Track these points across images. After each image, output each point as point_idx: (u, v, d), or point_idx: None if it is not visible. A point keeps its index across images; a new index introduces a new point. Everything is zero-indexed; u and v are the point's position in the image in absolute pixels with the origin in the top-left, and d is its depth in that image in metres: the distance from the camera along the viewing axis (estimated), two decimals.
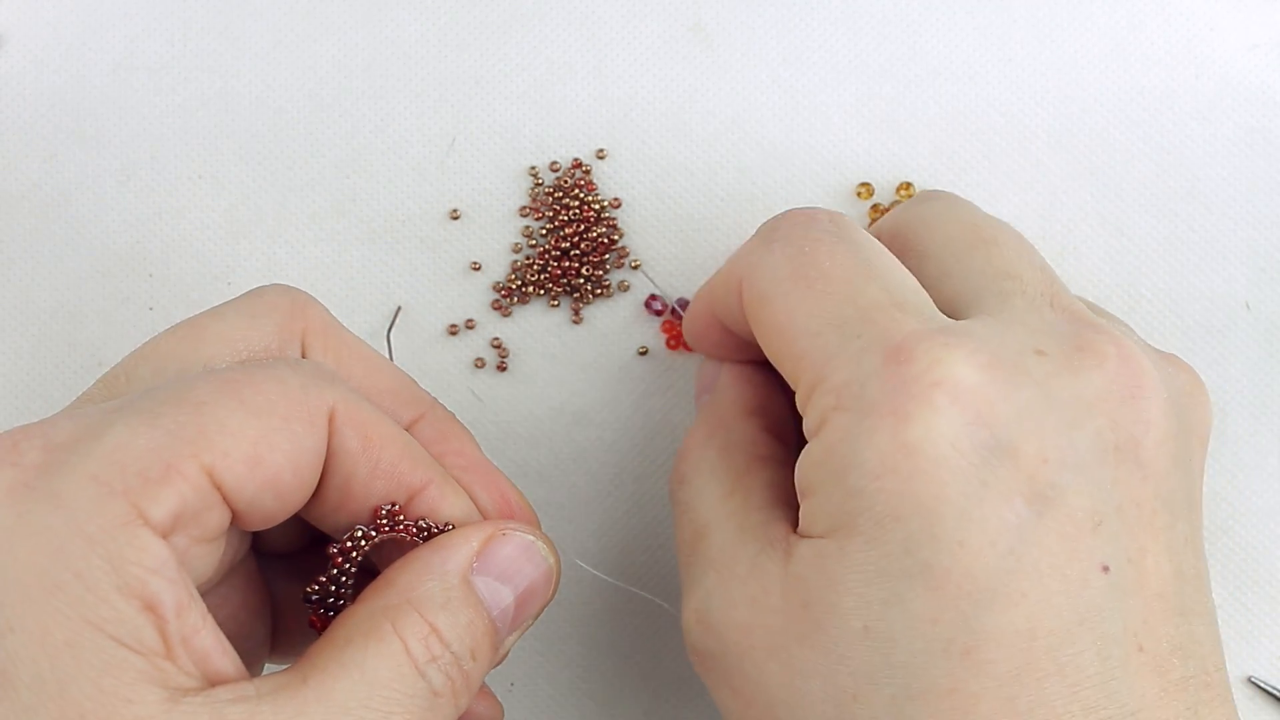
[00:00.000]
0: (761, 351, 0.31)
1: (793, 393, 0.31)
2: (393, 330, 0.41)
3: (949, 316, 0.29)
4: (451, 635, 0.26)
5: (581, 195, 0.41)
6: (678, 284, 0.41)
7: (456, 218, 0.42)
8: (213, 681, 0.24)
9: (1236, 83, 0.42)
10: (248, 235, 0.42)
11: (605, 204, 0.41)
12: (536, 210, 0.42)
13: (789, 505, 0.30)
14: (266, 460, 0.25)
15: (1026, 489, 0.25)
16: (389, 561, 0.28)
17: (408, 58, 0.43)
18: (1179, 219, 0.41)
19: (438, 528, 0.28)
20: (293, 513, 0.27)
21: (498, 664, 0.28)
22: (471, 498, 0.29)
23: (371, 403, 0.28)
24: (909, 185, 0.41)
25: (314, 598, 0.28)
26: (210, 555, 0.26)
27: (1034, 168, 0.42)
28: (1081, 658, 0.25)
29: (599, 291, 0.41)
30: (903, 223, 0.32)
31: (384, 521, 0.28)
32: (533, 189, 0.42)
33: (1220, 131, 0.42)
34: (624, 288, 0.41)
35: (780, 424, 0.33)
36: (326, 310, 0.31)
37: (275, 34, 0.43)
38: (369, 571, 0.29)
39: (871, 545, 0.25)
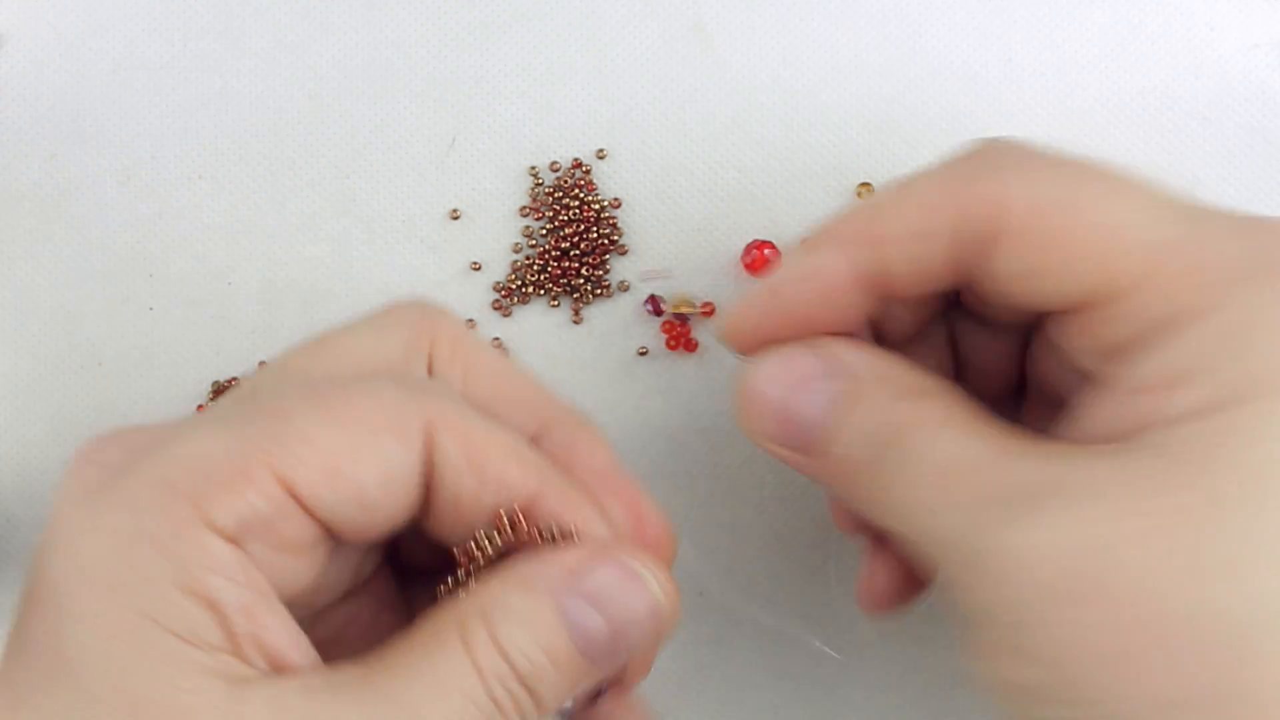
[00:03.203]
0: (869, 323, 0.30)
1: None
2: None
3: None
4: (517, 654, 0.25)
5: (581, 195, 0.41)
6: (677, 284, 0.41)
7: (456, 218, 0.42)
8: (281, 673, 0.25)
9: (1236, 83, 0.42)
10: (248, 235, 0.42)
11: (605, 204, 0.41)
12: (536, 210, 0.42)
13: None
14: (347, 472, 0.25)
15: None
16: None
17: (408, 58, 0.43)
18: None
19: (560, 533, 0.27)
20: (396, 525, 0.27)
21: (623, 683, 0.28)
22: (602, 509, 0.28)
23: (487, 414, 0.28)
24: None
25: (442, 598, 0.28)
26: (307, 566, 0.26)
27: None
28: None
29: (599, 291, 0.41)
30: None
31: (506, 525, 0.27)
32: (533, 189, 0.42)
33: (1220, 131, 0.42)
34: (624, 288, 0.41)
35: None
36: (458, 321, 0.30)
37: (275, 34, 0.43)
38: None
39: None
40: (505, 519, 0.27)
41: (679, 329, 0.40)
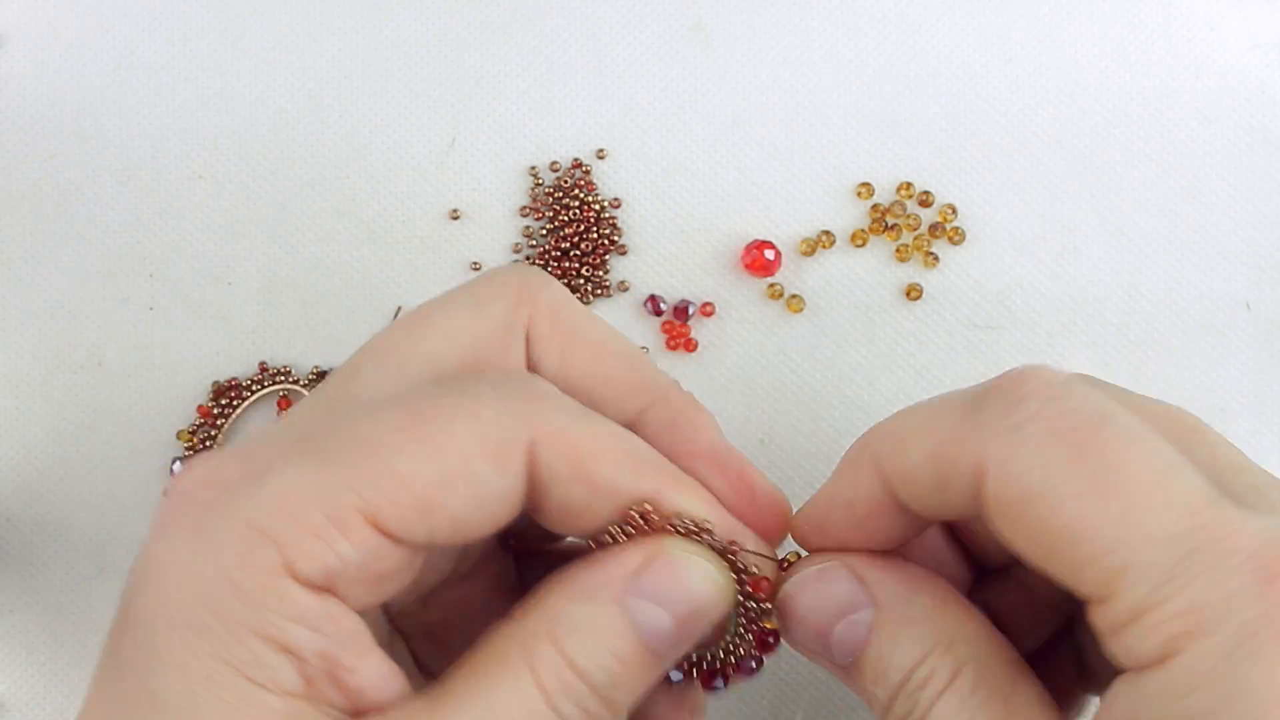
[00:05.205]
0: (921, 536, 0.28)
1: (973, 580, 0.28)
2: None
3: None
4: (591, 665, 0.25)
5: (581, 195, 0.41)
6: (678, 284, 0.41)
7: (456, 218, 0.42)
8: (362, 713, 0.24)
9: (1236, 83, 0.42)
10: (248, 235, 0.42)
11: (605, 204, 0.41)
12: (536, 210, 0.42)
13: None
14: (440, 505, 0.24)
15: None
16: None
17: (408, 58, 0.43)
18: (1179, 219, 0.41)
19: (691, 525, 0.26)
20: (497, 530, 0.26)
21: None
22: (708, 487, 0.27)
23: (589, 408, 0.27)
24: (909, 185, 0.41)
25: None
26: (403, 577, 0.26)
27: (1034, 168, 0.42)
28: None
29: (599, 291, 0.41)
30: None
31: (639, 520, 0.26)
32: (533, 189, 0.42)
33: (1220, 131, 0.42)
34: (624, 288, 0.41)
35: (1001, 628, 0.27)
36: (558, 290, 0.29)
37: (275, 34, 0.43)
38: None
39: None
40: (638, 516, 0.26)
41: (678, 328, 0.40)
